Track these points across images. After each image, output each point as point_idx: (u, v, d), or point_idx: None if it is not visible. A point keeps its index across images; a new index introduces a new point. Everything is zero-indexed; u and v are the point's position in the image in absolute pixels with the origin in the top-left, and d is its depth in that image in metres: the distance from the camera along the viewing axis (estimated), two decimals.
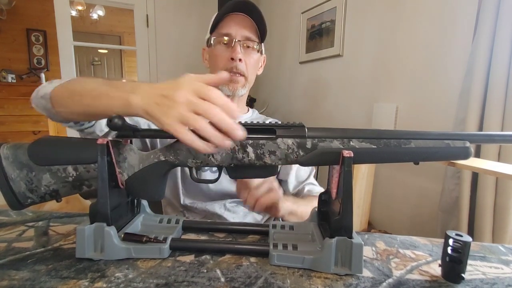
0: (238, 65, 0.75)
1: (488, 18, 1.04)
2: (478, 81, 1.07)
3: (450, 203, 1.18)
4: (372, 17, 1.67)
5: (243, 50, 0.76)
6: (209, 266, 0.41)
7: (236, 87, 0.77)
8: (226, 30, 0.75)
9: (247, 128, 0.44)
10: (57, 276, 0.37)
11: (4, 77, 3.32)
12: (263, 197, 0.57)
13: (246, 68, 0.77)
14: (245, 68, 0.76)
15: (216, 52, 0.78)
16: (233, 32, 0.75)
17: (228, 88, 0.77)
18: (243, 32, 0.75)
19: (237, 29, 0.75)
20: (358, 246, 0.39)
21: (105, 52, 5.54)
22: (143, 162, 0.44)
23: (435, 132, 0.43)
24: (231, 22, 0.75)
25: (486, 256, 0.47)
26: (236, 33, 0.75)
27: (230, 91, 0.77)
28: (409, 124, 1.46)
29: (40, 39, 3.55)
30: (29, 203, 0.44)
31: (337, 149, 0.41)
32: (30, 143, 0.43)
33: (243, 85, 0.78)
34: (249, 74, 0.79)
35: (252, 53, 0.78)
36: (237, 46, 0.75)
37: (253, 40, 0.77)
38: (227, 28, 0.75)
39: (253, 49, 0.78)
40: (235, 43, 0.75)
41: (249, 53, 0.78)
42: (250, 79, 0.80)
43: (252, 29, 0.76)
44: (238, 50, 0.74)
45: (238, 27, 0.75)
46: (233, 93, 0.78)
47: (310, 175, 0.85)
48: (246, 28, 0.75)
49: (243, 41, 0.76)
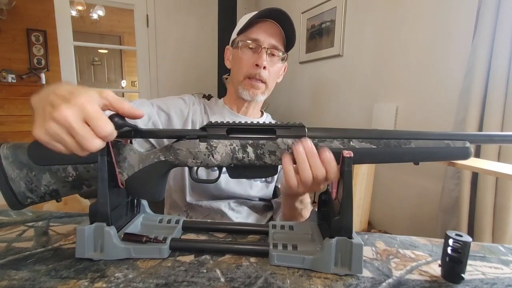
0: (261, 72, 0.75)
1: (488, 18, 1.04)
2: (478, 81, 1.07)
3: (450, 203, 1.18)
4: (372, 17, 1.67)
5: (268, 58, 0.76)
6: (209, 266, 0.41)
7: (256, 93, 0.78)
8: (255, 35, 0.75)
9: (248, 128, 0.44)
10: (57, 276, 0.37)
11: (4, 77, 3.32)
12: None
13: (269, 75, 0.77)
14: (267, 75, 0.77)
15: (241, 55, 0.78)
16: (262, 39, 0.75)
17: (248, 93, 0.78)
18: (271, 40, 0.75)
19: (265, 36, 0.75)
20: (358, 246, 0.39)
21: (105, 52, 5.54)
22: (143, 162, 0.44)
23: (435, 132, 0.43)
24: (261, 28, 0.75)
25: (486, 256, 0.47)
26: (264, 40, 0.75)
27: (250, 97, 0.78)
28: (409, 124, 1.46)
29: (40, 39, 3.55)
30: (29, 202, 0.44)
31: (337, 149, 0.41)
32: (30, 143, 0.43)
33: (263, 92, 0.79)
34: (270, 81, 0.79)
35: (276, 62, 0.78)
36: (263, 54, 0.75)
37: (279, 49, 0.77)
38: (256, 33, 0.75)
39: (277, 58, 0.78)
40: (262, 50, 0.75)
41: (274, 62, 0.78)
42: (270, 87, 0.81)
43: (279, 37, 0.77)
44: (264, 57, 0.75)
45: (267, 35, 0.75)
46: (253, 99, 0.79)
47: None
48: (275, 37, 0.76)
49: (270, 49, 0.76)
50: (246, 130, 0.44)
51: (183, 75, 3.03)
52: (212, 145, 0.43)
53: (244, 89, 0.78)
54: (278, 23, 0.76)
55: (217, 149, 0.43)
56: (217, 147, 0.43)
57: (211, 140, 0.43)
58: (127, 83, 5.62)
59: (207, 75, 3.01)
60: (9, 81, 3.36)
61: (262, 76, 0.76)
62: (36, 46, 3.61)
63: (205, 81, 3.03)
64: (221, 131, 0.43)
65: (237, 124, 0.44)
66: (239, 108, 0.84)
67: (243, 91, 0.78)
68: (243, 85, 0.78)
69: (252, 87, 0.77)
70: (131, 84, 5.56)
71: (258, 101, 0.81)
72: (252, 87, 0.77)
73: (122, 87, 5.56)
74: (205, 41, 2.98)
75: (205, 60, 3.00)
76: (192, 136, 0.43)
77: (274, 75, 0.80)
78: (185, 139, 0.44)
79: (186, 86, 3.01)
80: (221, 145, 0.43)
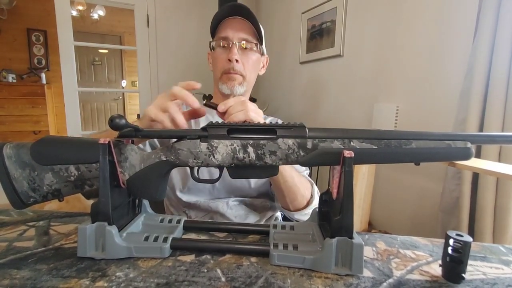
0: (235, 66, 0.78)
1: (488, 18, 1.04)
2: (478, 81, 1.07)
3: (450, 204, 1.18)
4: (373, 17, 1.67)
5: (240, 51, 0.79)
6: (210, 265, 0.41)
7: (234, 85, 0.80)
8: (223, 33, 0.79)
9: (248, 128, 0.44)
10: (58, 275, 0.37)
11: (5, 77, 3.33)
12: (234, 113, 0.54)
13: (244, 68, 0.80)
14: (242, 68, 0.79)
15: (215, 55, 0.82)
16: (230, 35, 0.78)
17: (226, 86, 0.80)
18: (240, 35, 0.79)
19: (233, 32, 0.78)
20: (359, 246, 0.39)
21: (106, 52, 5.54)
22: (144, 162, 0.44)
23: (436, 133, 0.43)
24: (227, 26, 0.79)
25: (487, 257, 0.47)
26: (233, 35, 0.78)
27: (228, 89, 0.80)
28: (409, 125, 1.46)
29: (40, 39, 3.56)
30: (32, 202, 0.44)
31: (337, 150, 0.41)
32: (33, 143, 0.44)
33: (240, 83, 0.81)
34: (248, 73, 0.81)
35: (250, 54, 0.81)
36: (233, 48, 0.78)
37: (250, 42, 0.80)
38: (224, 31, 0.79)
39: (251, 50, 0.81)
40: (232, 45, 0.78)
41: (247, 54, 0.80)
42: (249, 78, 0.83)
43: (249, 31, 0.80)
44: (234, 51, 0.78)
45: (234, 30, 0.78)
46: (232, 91, 0.80)
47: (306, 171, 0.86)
48: (243, 31, 0.79)
49: (240, 42, 0.78)
50: (246, 130, 0.44)
51: (183, 75, 3.03)
52: (213, 145, 0.43)
53: (223, 84, 0.81)
54: (245, 18, 0.79)
55: (218, 149, 0.43)
56: (218, 147, 0.43)
57: (212, 140, 0.43)
58: (128, 83, 5.61)
59: (207, 75, 2.98)
60: (10, 81, 3.36)
61: (236, 69, 0.79)
62: (37, 46, 3.61)
63: (205, 81, 2.99)
64: (222, 131, 0.43)
65: (238, 124, 0.44)
66: None
67: (222, 86, 0.81)
68: (221, 80, 0.81)
69: (228, 79, 0.80)
70: (131, 84, 5.56)
71: (238, 93, 0.81)
72: (229, 80, 0.80)
73: (123, 87, 5.55)
74: (205, 41, 2.95)
75: (205, 60, 2.95)
76: (193, 136, 0.44)
77: (250, 67, 0.82)
78: (186, 139, 0.44)
79: None
80: (222, 145, 0.43)
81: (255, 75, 0.86)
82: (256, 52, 0.82)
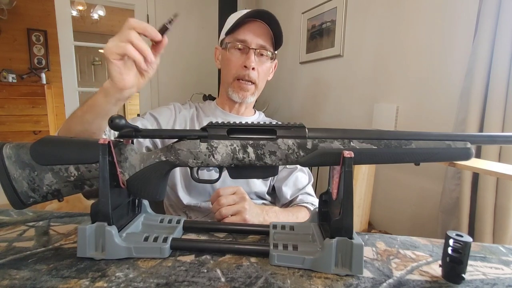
0: (250, 73, 0.76)
1: (488, 18, 1.04)
2: (478, 82, 1.07)
3: (450, 204, 1.18)
4: (373, 17, 1.67)
5: (256, 58, 0.76)
6: (210, 266, 0.41)
7: (246, 95, 0.79)
8: (242, 36, 0.76)
9: (248, 128, 0.44)
10: (58, 276, 0.37)
11: (5, 77, 3.33)
12: (226, 208, 0.59)
13: (258, 76, 0.77)
14: (257, 76, 0.77)
15: (230, 56, 0.78)
16: (249, 40, 0.75)
17: (238, 96, 0.78)
18: (259, 41, 0.76)
19: (253, 37, 0.75)
20: (359, 246, 0.39)
21: None
22: (144, 162, 0.44)
23: (436, 133, 0.43)
24: (248, 29, 0.76)
25: (487, 257, 0.47)
26: (252, 40, 0.75)
27: (240, 99, 0.79)
28: (409, 125, 1.46)
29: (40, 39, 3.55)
30: (31, 202, 0.44)
31: (337, 150, 0.41)
32: (33, 143, 0.44)
33: (252, 93, 0.80)
34: (260, 81, 0.80)
35: (265, 61, 0.79)
36: (251, 55, 0.75)
37: (267, 49, 0.77)
38: (244, 34, 0.75)
39: (266, 57, 0.79)
40: (250, 51, 0.75)
41: (262, 61, 0.78)
42: (260, 86, 0.81)
43: (267, 37, 0.77)
44: (252, 59, 0.75)
45: (254, 35, 0.75)
46: (243, 101, 0.79)
47: (309, 184, 0.85)
48: (262, 37, 0.76)
49: (258, 49, 0.76)
50: (246, 131, 0.44)
51: (183, 75, 3.03)
52: (213, 145, 0.43)
53: (234, 92, 0.78)
54: (265, 22, 0.76)
55: (217, 149, 0.43)
56: (217, 147, 0.43)
57: (211, 140, 0.43)
58: None
59: (207, 75, 3.01)
60: (10, 81, 3.36)
61: (251, 77, 0.76)
62: (37, 46, 3.61)
63: (206, 81, 3.03)
64: (221, 132, 0.43)
65: (238, 124, 0.44)
66: (231, 108, 0.85)
67: (233, 94, 0.78)
68: (232, 86, 0.78)
69: (241, 89, 0.78)
70: None
71: (248, 102, 0.81)
72: (241, 90, 0.78)
73: None
74: (205, 41, 2.98)
75: (205, 60, 2.99)
76: (193, 136, 0.43)
77: (263, 75, 0.80)
78: (186, 140, 0.44)
79: (187, 86, 3.01)
80: (221, 146, 0.43)
81: (265, 82, 0.84)
82: (269, 59, 0.80)
